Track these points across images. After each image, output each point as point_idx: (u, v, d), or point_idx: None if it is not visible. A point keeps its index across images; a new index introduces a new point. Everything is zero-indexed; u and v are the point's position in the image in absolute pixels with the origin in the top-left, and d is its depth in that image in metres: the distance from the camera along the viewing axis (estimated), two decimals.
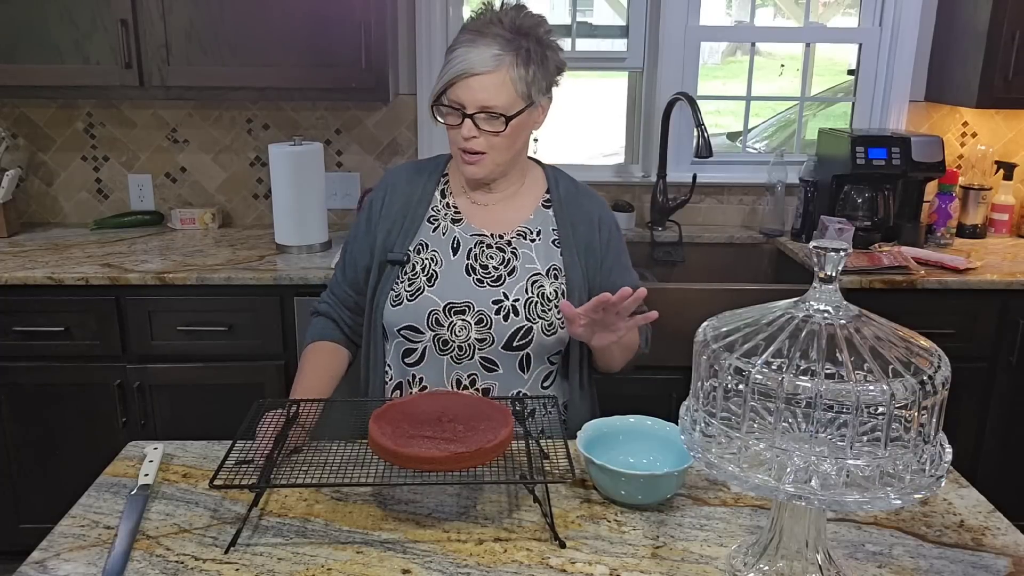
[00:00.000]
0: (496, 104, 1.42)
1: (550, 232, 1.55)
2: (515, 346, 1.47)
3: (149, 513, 1.18)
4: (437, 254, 1.52)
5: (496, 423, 1.18)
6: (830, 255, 0.95)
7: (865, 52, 2.92)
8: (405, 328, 1.49)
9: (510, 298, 1.48)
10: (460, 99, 1.43)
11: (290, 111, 2.85)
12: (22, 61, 2.44)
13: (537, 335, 1.48)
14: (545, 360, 1.52)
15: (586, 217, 1.57)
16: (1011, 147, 2.95)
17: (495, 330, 1.47)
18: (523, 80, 1.43)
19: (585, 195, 1.61)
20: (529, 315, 1.48)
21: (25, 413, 2.41)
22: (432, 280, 1.49)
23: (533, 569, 1.06)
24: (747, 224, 2.99)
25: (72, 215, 2.92)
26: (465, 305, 1.48)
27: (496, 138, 1.45)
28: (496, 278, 1.50)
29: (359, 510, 1.19)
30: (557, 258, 1.53)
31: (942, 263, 2.46)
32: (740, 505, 1.21)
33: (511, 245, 1.53)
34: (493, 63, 1.40)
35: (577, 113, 8.12)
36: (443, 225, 1.55)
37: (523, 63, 1.43)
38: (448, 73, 1.43)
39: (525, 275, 1.50)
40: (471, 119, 1.43)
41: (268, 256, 2.52)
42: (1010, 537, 1.15)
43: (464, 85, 1.41)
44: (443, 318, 1.47)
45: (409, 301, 1.48)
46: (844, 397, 0.86)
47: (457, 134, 1.45)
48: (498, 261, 1.51)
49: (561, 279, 1.52)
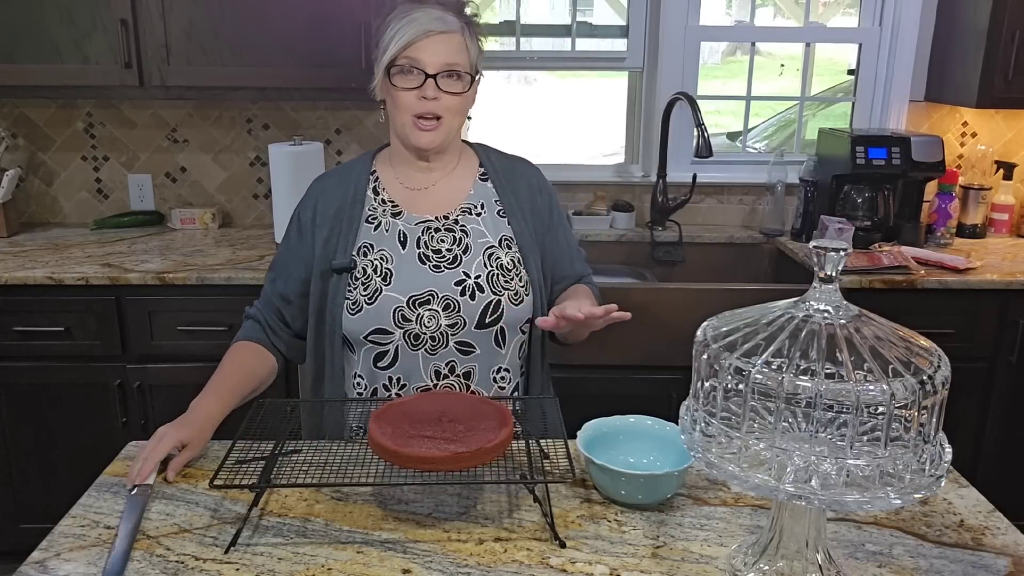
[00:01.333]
0: (459, 62, 1.42)
1: (493, 204, 1.54)
2: (488, 323, 1.46)
3: (149, 513, 1.18)
4: (386, 252, 1.48)
5: (496, 423, 1.18)
6: (830, 255, 0.95)
7: (865, 52, 2.92)
8: (372, 333, 1.45)
9: (471, 276, 1.46)
10: (421, 59, 1.40)
11: (290, 111, 2.85)
12: (22, 61, 2.44)
13: (506, 306, 1.46)
14: (518, 331, 1.51)
15: (525, 183, 1.57)
16: (1011, 147, 2.95)
17: (464, 312, 1.45)
18: (474, 50, 1.46)
19: (519, 162, 1.61)
20: (494, 288, 1.46)
21: (25, 413, 2.41)
22: (388, 278, 1.45)
23: (533, 569, 1.06)
24: (747, 224, 2.99)
25: (72, 215, 2.92)
26: (428, 294, 1.45)
27: (455, 99, 1.43)
28: (452, 260, 1.47)
29: (359, 510, 1.19)
30: (506, 228, 1.52)
31: (942, 263, 2.46)
32: (740, 505, 1.21)
33: (459, 224, 1.51)
34: (451, 25, 1.42)
35: (577, 113, 8.12)
36: (384, 223, 1.51)
37: (471, 35, 1.45)
38: (405, 34, 1.40)
39: (480, 250, 1.49)
40: (433, 79, 1.41)
41: (268, 256, 2.52)
42: (1010, 537, 1.15)
43: (426, 44, 1.40)
44: (409, 312, 1.44)
45: (369, 305, 1.44)
46: (844, 397, 0.86)
47: (413, 98, 1.42)
48: (450, 242, 1.49)
49: (514, 247, 1.51)
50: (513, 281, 1.48)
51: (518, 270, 1.49)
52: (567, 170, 3.00)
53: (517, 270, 1.49)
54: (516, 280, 1.49)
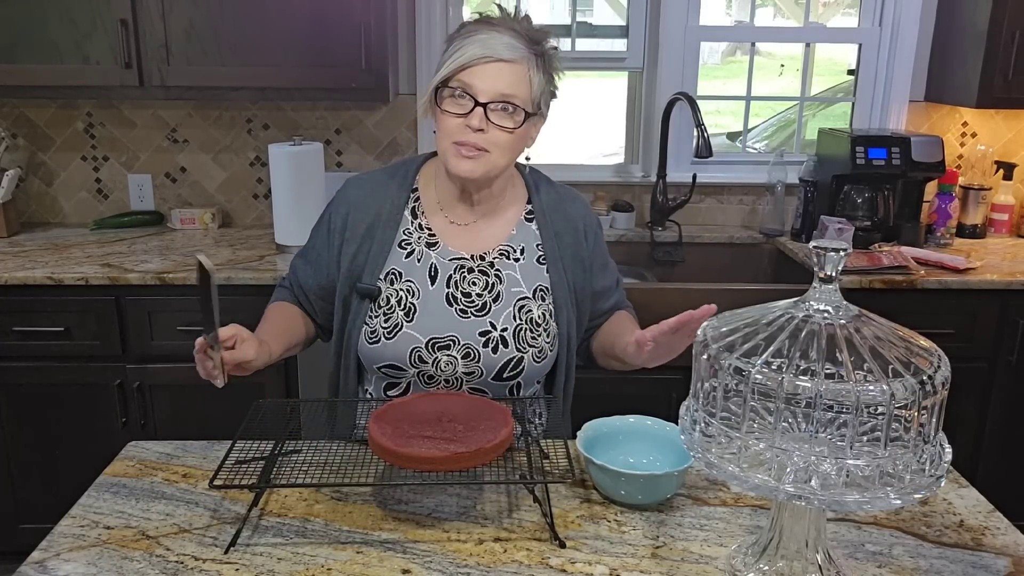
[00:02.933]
0: (516, 95, 1.30)
1: (534, 248, 1.45)
2: (505, 377, 1.40)
3: (149, 513, 1.18)
4: (413, 284, 1.40)
5: (496, 423, 1.18)
6: (830, 255, 0.95)
7: (865, 52, 2.92)
8: (385, 367, 1.41)
9: (498, 328, 1.39)
10: (474, 85, 1.29)
11: (290, 111, 2.85)
12: (22, 61, 2.44)
13: (528, 364, 1.40)
14: (534, 383, 1.48)
15: (571, 226, 1.47)
16: (1011, 147, 2.95)
17: (484, 363, 1.38)
18: (539, 84, 1.34)
19: (568, 200, 1.51)
20: (519, 345, 1.39)
21: (25, 413, 2.41)
22: (410, 314, 1.38)
23: (533, 569, 1.06)
24: (747, 224, 2.99)
25: (72, 215, 2.92)
26: (450, 340, 1.38)
27: (504, 135, 1.32)
28: (480, 307, 1.40)
29: (359, 510, 1.19)
30: (543, 276, 1.44)
31: (942, 263, 2.46)
32: (740, 505, 1.21)
33: (494, 267, 1.42)
34: (517, 54, 1.30)
35: (577, 113, 8.12)
36: (417, 251, 1.42)
37: (539, 68, 1.34)
38: (463, 55, 1.29)
39: (511, 300, 1.41)
40: (483, 108, 1.30)
41: (268, 256, 2.52)
42: (1010, 537, 1.15)
43: (483, 70, 1.29)
44: (426, 355, 1.38)
45: (387, 339, 1.38)
46: (844, 397, 0.86)
47: (458, 125, 1.31)
48: (481, 287, 1.41)
49: (548, 299, 1.43)
50: (540, 337, 1.41)
51: (547, 324, 1.42)
52: (567, 170, 3.00)
53: (547, 324, 1.42)
54: (543, 336, 1.41)
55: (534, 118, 1.37)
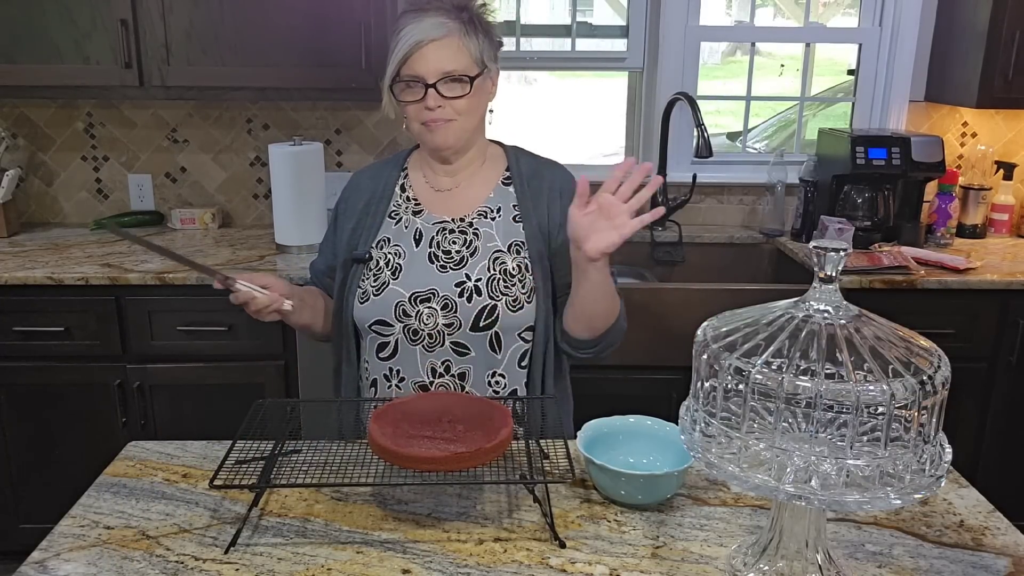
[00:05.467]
0: (456, 67, 1.43)
1: (511, 208, 1.55)
2: (482, 326, 1.47)
3: (149, 513, 1.18)
4: (400, 247, 1.52)
5: (496, 423, 1.18)
6: (830, 255, 0.95)
7: (865, 52, 2.92)
8: (375, 323, 1.50)
9: (472, 279, 1.48)
10: (418, 71, 1.43)
11: (290, 111, 2.85)
12: (22, 61, 2.44)
13: (502, 312, 1.47)
14: (516, 338, 1.51)
15: (547, 187, 1.56)
16: (1011, 147, 2.95)
17: (460, 313, 1.47)
18: (476, 46, 1.45)
19: (547, 167, 1.60)
20: (492, 293, 1.47)
21: (25, 413, 2.41)
22: (396, 273, 1.50)
23: (533, 569, 1.06)
24: (747, 224, 2.99)
25: (72, 215, 2.92)
26: (430, 292, 1.48)
27: (461, 102, 1.45)
28: (458, 261, 1.50)
29: (359, 510, 1.19)
30: (519, 232, 1.52)
31: (942, 263, 2.46)
32: (740, 505, 1.21)
33: (472, 226, 1.53)
34: (444, 30, 1.43)
35: (577, 113, 8.12)
36: (404, 219, 1.55)
37: (471, 32, 1.45)
38: (401, 49, 1.43)
39: (487, 253, 1.50)
40: (433, 88, 1.43)
41: (268, 256, 2.52)
42: (1010, 537, 1.15)
43: (420, 56, 1.42)
44: (409, 308, 1.48)
45: (376, 296, 1.49)
46: (844, 397, 0.86)
47: (419, 108, 1.45)
48: (460, 244, 1.51)
49: (524, 252, 1.51)
50: (514, 287, 1.48)
51: (522, 275, 1.49)
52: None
53: (521, 275, 1.49)
54: (518, 286, 1.49)
55: (483, 75, 1.48)
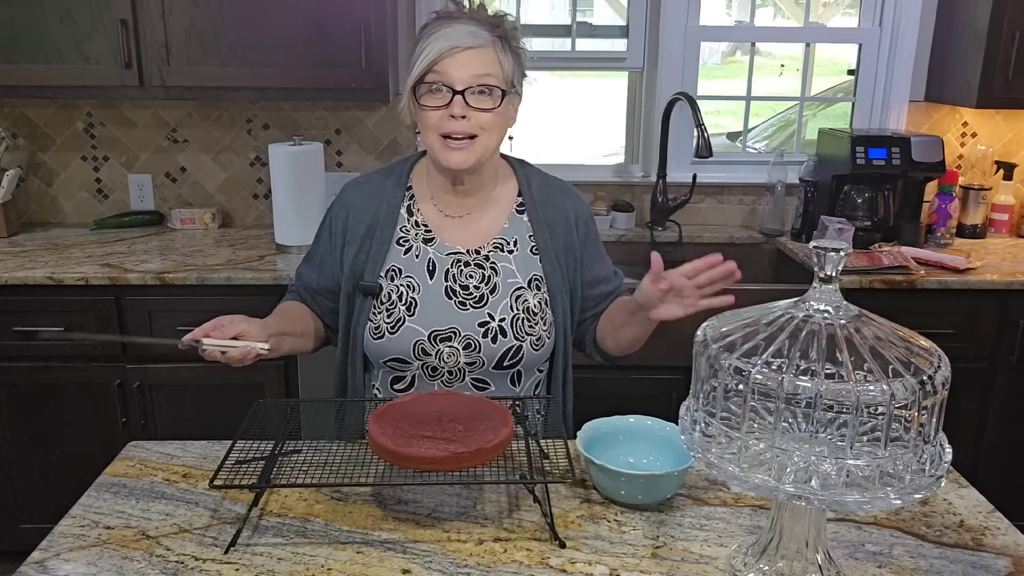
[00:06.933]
0: (490, 74, 1.35)
1: (527, 240, 1.49)
2: (506, 365, 1.45)
3: (149, 513, 1.18)
4: (413, 279, 1.45)
5: (496, 423, 1.18)
6: (830, 255, 0.95)
7: (865, 52, 2.92)
8: (391, 360, 1.45)
9: (496, 318, 1.43)
10: (449, 75, 1.34)
11: (290, 111, 2.85)
12: (22, 61, 2.44)
13: (527, 351, 1.45)
14: (535, 371, 1.51)
15: (562, 216, 1.51)
16: (1011, 147, 2.95)
17: (484, 353, 1.43)
18: (509, 64, 1.39)
19: (559, 192, 1.53)
20: (517, 334, 1.44)
21: (25, 413, 2.41)
22: (412, 308, 1.43)
23: (533, 569, 1.06)
24: (747, 224, 2.99)
25: (72, 215, 2.92)
26: (451, 332, 1.43)
27: (487, 116, 1.36)
28: (479, 299, 1.44)
29: (359, 510, 1.19)
30: (536, 266, 1.48)
31: (942, 263, 2.46)
32: (740, 505, 1.21)
33: (489, 260, 1.46)
34: (479, 39, 1.35)
35: (577, 113, 8.12)
36: (415, 247, 1.47)
37: (504, 49, 1.38)
38: (433, 50, 1.34)
39: (507, 291, 1.45)
40: (462, 95, 1.34)
41: (268, 256, 2.52)
42: (1010, 537, 1.15)
43: (453, 60, 1.34)
44: (429, 347, 1.43)
45: (391, 334, 1.43)
46: (844, 397, 0.86)
47: (441, 117, 1.36)
48: (478, 279, 1.45)
49: (544, 288, 1.47)
50: (537, 326, 1.45)
51: (544, 313, 1.46)
52: (567, 170, 2.99)
53: (543, 313, 1.46)
54: (540, 324, 1.46)
55: (511, 96, 1.41)
